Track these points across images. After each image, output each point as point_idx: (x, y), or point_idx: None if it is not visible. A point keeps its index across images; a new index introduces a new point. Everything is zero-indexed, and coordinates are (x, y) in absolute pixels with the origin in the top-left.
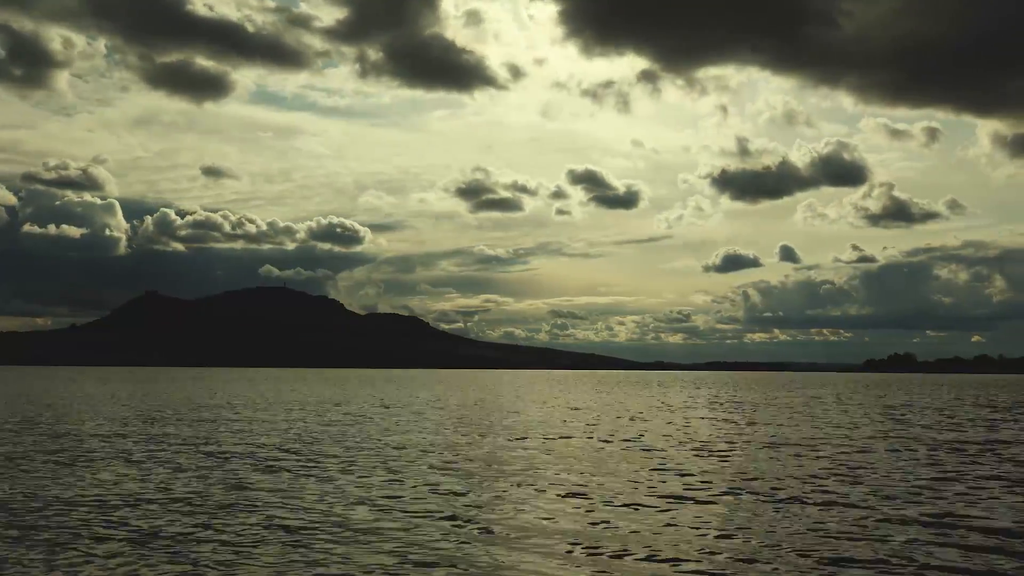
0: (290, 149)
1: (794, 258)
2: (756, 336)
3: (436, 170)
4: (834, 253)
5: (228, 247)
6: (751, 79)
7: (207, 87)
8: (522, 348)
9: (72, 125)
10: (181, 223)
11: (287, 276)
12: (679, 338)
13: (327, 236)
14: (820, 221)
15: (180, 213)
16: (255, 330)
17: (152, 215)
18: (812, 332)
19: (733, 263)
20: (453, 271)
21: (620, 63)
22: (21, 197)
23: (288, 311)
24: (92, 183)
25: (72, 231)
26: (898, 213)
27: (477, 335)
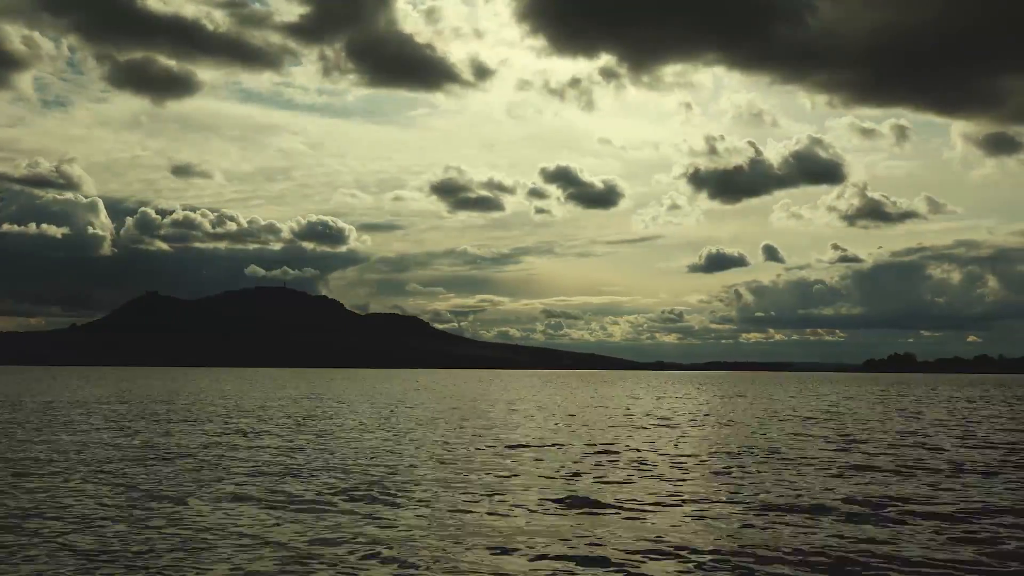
0: (262, 147)
1: (778, 257)
2: (751, 336)
3: (410, 168)
4: (816, 253)
5: (212, 246)
6: (715, 76)
7: (171, 85)
8: (522, 348)
9: (39, 124)
10: (162, 222)
11: (274, 275)
12: (674, 338)
13: (313, 235)
14: (797, 221)
15: (160, 212)
16: (255, 330)
17: (132, 215)
18: (807, 332)
19: (718, 263)
20: (444, 270)
21: (583, 62)
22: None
23: (288, 311)
24: (68, 182)
25: (52, 230)
26: (874, 212)
27: (473, 335)
